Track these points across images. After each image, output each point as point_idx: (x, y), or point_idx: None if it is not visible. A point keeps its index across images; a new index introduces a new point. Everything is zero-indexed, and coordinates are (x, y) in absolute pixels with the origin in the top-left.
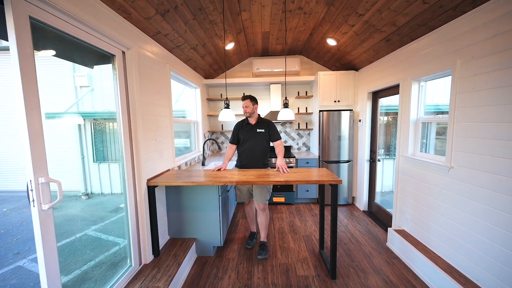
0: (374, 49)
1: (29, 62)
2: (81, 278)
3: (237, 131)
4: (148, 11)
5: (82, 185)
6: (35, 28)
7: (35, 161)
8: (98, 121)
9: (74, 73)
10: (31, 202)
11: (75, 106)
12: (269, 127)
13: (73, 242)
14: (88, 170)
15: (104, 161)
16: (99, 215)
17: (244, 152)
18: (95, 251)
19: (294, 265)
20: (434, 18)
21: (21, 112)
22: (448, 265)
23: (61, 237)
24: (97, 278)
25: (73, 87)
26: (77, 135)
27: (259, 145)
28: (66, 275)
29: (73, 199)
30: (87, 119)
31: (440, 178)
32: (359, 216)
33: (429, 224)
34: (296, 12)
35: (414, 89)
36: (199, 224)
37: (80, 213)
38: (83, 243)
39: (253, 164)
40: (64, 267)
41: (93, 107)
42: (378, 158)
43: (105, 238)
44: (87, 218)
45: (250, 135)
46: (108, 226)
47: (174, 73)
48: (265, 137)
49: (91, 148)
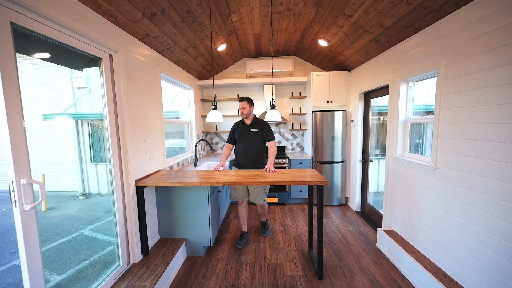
0: (365, 49)
1: (11, 66)
2: (75, 277)
3: (233, 131)
4: (134, 15)
5: (80, 185)
6: (19, 34)
7: (17, 163)
8: (95, 122)
9: (71, 75)
10: (13, 202)
11: (72, 107)
12: (263, 127)
13: (69, 241)
14: (85, 170)
15: (101, 162)
16: (95, 215)
17: (239, 152)
18: (90, 251)
19: (282, 265)
20: (420, 19)
21: (2, 115)
22: (433, 265)
23: (57, 236)
24: (91, 277)
25: (71, 89)
26: (75, 136)
27: (252, 145)
28: (60, 274)
29: (71, 199)
30: (84, 120)
31: (426, 178)
32: (352, 216)
33: (416, 224)
34: (285, 13)
35: (402, 90)
36: (189, 224)
37: (77, 213)
38: (79, 243)
39: (248, 164)
40: (59, 266)
41: (90, 108)
42: (370, 158)
43: (100, 237)
44: (84, 218)
45: (245, 135)
46: (104, 226)
47: (166, 75)
48: (259, 137)
49: (88, 149)
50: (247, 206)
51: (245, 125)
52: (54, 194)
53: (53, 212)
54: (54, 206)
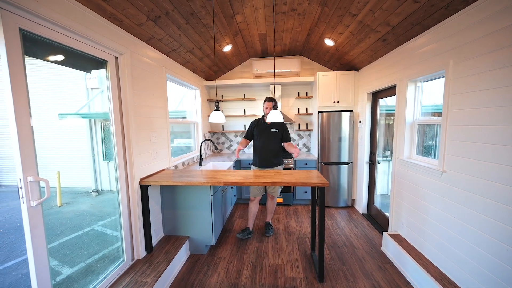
0: (372, 49)
1: (19, 69)
2: (84, 270)
3: (252, 127)
4: (139, 18)
5: (92, 182)
6: (28, 38)
7: (24, 161)
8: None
9: (85, 76)
10: (20, 199)
11: (86, 107)
12: (283, 129)
13: (81, 236)
14: (98, 167)
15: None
16: (106, 211)
17: (257, 149)
18: (99, 245)
19: (283, 266)
20: (427, 17)
21: (11, 116)
22: (439, 272)
23: (70, 230)
24: (100, 271)
25: (85, 89)
26: (88, 134)
27: (271, 143)
28: (71, 267)
29: (84, 195)
30: (97, 119)
31: (433, 182)
32: (358, 219)
33: (423, 229)
34: (290, 13)
35: (410, 90)
36: (192, 223)
37: (90, 208)
38: (90, 237)
39: (265, 160)
40: (70, 259)
41: (103, 107)
42: (378, 160)
43: (110, 233)
44: (95, 214)
45: (265, 133)
46: (114, 222)
47: (172, 76)
48: (278, 137)
49: (101, 147)
50: (258, 203)
51: (265, 124)
52: (69, 190)
53: (68, 207)
54: (69, 201)
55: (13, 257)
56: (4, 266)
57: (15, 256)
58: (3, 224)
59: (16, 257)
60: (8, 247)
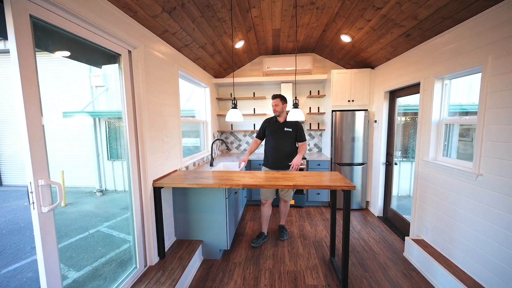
0: (392, 45)
1: (30, 63)
2: (91, 274)
3: (264, 126)
4: (154, 9)
5: (97, 182)
6: (38, 28)
7: (35, 163)
8: (112, 120)
9: (90, 73)
10: (31, 204)
11: (90, 105)
12: (297, 127)
13: (86, 238)
14: (102, 167)
15: (118, 159)
16: (111, 212)
17: (269, 149)
18: (106, 248)
19: (303, 273)
20: (462, 10)
21: (21, 114)
22: (473, 281)
23: (75, 232)
24: (107, 275)
25: (89, 87)
26: (92, 133)
27: (285, 144)
28: (77, 270)
29: (88, 195)
30: (102, 118)
31: (466, 185)
32: (373, 222)
33: (452, 235)
34: (308, 7)
35: (437, 88)
36: (206, 227)
37: (94, 209)
38: (96, 239)
39: (277, 162)
40: (76, 263)
41: (107, 106)
42: (395, 161)
43: (116, 235)
44: (100, 215)
45: (278, 133)
46: (120, 223)
47: (183, 73)
48: (291, 137)
49: (105, 146)
50: (271, 207)
51: (278, 122)
52: (73, 190)
53: (72, 207)
54: (73, 201)
55: (17, 260)
56: (8, 269)
57: (19, 259)
58: (6, 225)
59: (20, 259)
60: (12, 249)
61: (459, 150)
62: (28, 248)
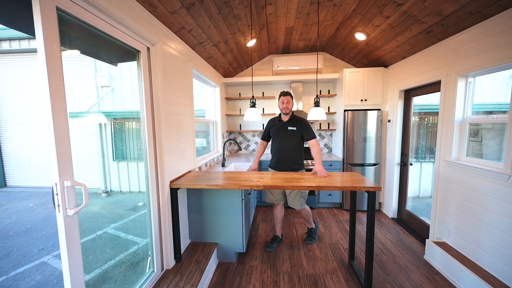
0: (410, 42)
1: (56, 57)
2: (101, 277)
3: (269, 127)
4: (173, 5)
5: (102, 183)
6: (61, 22)
7: (61, 164)
8: (118, 120)
9: (95, 73)
10: (56, 207)
11: (96, 105)
12: (302, 125)
13: (94, 239)
14: (108, 168)
15: (123, 160)
16: (118, 213)
17: (273, 151)
18: (114, 250)
19: (322, 276)
20: (492, 4)
21: (47, 113)
22: (503, 285)
23: (82, 234)
24: (117, 278)
25: (95, 87)
26: (98, 134)
27: (288, 144)
28: (87, 273)
29: (94, 196)
30: (107, 118)
31: (496, 187)
32: (388, 224)
33: (479, 238)
34: (325, 4)
35: (460, 86)
36: (221, 229)
37: (100, 210)
38: (103, 241)
39: (282, 165)
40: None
41: (113, 106)
42: (411, 161)
43: (124, 237)
44: (107, 216)
45: (281, 133)
46: (127, 224)
47: (195, 71)
48: (296, 136)
49: (111, 147)
50: (283, 208)
51: (281, 122)
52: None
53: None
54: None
55: (25, 262)
56: (17, 272)
57: (27, 261)
58: (13, 226)
59: (28, 262)
60: (19, 251)
61: (475, 150)
62: (36, 250)
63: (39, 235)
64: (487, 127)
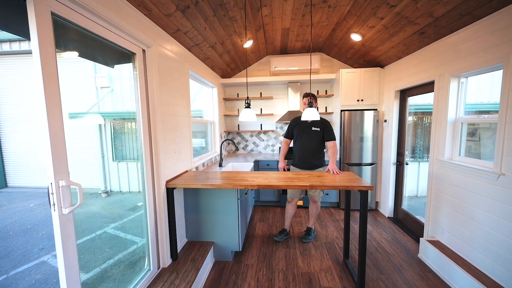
0: (405, 43)
1: (51, 60)
2: (100, 276)
3: (292, 126)
4: (168, 7)
5: (102, 183)
6: (57, 26)
7: (56, 163)
8: (117, 121)
9: (95, 74)
10: (51, 206)
11: (96, 106)
12: (325, 127)
13: (93, 239)
14: (107, 168)
15: (123, 160)
16: (117, 213)
17: (296, 149)
18: (113, 249)
19: (317, 275)
20: (482, 6)
21: (42, 113)
22: (494, 283)
23: (82, 234)
24: (116, 277)
25: (95, 88)
26: (97, 134)
27: (311, 143)
28: (86, 272)
29: (93, 197)
30: (107, 119)
31: (487, 185)
32: (384, 223)
33: (471, 236)
34: (320, 5)
35: (452, 86)
36: (217, 228)
37: (100, 210)
38: (103, 241)
39: (304, 162)
40: (85, 265)
41: (113, 107)
42: (406, 161)
43: (123, 236)
44: (106, 216)
45: (305, 133)
46: (126, 224)
47: (192, 72)
48: (319, 137)
49: (110, 147)
50: (296, 205)
51: (305, 122)
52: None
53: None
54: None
55: (25, 262)
56: (17, 271)
57: (27, 261)
58: (13, 226)
59: (28, 261)
60: (19, 251)
61: (471, 150)
62: (36, 249)
63: (39, 235)
64: (485, 127)
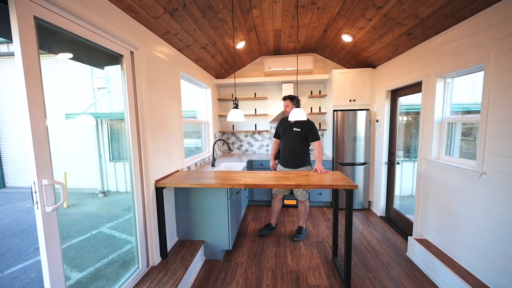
0: (394, 44)
1: (34, 63)
2: (94, 275)
3: (278, 126)
4: (156, 10)
5: (99, 183)
6: (42, 29)
7: (39, 163)
8: (114, 121)
9: (92, 75)
10: (34, 204)
11: (93, 107)
12: (306, 127)
13: (89, 239)
14: (104, 168)
15: (120, 160)
16: (114, 212)
17: (281, 149)
18: (108, 249)
19: (305, 273)
20: (464, 7)
21: (25, 114)
22: (477, 281)
23: (78, 233)
24: (110, 276)
25: (91, 89)
26: (94, 135)
27: (291, 143)
28: (80, 271)
29: (90, 197)
30: (104, 119)
31: (470, 184)
32: (376, 222)
33: (456, 234)
34: (309, 7)
35: (439, 87)
36: (208, 227)
37: (97, 210)
38: (98, 240)
39: (286, 162)
40: (79, 263)
41: (109, 107)
42: (398, 161)
43: (118, 236)
44: (102, 216)
45: (287, 133)
46: (122, 224)
47: (184, 74)
48: (300, 137)
49: (107, 148)
50: (281, 201)
51: (288, 122)
52: (75, 192)
53: (74, 209)
54: (75, 203)
55: (20, 261)
56: (12, 270)
57: (22, 260)
58: (10, 226)
59: (23, 260)
60: (15, 250)
61: (462, 149)
62: (31, 249)
63: (35, 235)
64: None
